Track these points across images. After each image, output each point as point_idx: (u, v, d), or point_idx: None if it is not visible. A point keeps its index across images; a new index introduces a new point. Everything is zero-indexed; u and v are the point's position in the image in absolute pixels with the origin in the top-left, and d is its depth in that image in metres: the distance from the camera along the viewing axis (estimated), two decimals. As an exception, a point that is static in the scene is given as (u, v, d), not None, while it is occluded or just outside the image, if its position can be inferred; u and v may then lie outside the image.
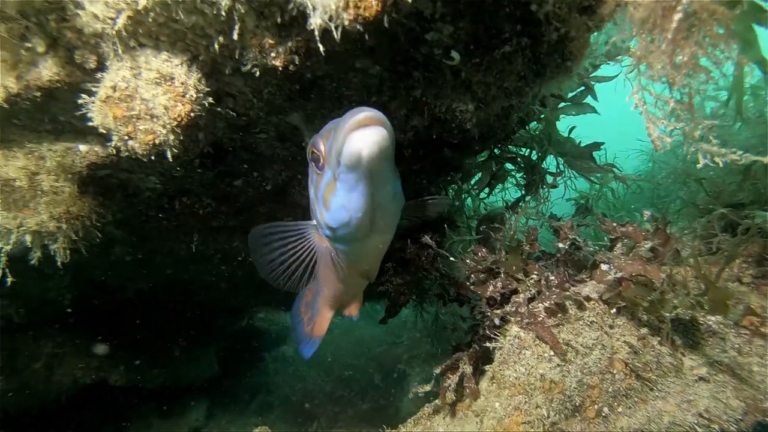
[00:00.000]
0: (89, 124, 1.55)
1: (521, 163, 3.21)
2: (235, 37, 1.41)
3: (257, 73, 1.57)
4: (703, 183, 2.51)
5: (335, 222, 1.55)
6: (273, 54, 1.52)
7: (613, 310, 1.84)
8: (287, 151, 2.21)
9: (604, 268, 1.93)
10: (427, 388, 2.03)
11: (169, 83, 1.51)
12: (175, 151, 1.59)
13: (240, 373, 6.02)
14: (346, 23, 1.28)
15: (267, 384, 6.17)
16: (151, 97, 1.50)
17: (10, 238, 1.90)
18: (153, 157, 1.59)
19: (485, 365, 1.99)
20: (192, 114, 1.55)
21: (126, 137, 1.53)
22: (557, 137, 3.03)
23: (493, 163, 3.20)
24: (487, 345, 1.95)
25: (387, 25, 1.31)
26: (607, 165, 3.03)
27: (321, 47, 1.35)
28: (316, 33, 1.30)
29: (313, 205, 1.69)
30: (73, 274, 3.16)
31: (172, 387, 4.79)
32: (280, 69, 1.55)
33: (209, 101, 1.60)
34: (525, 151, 3.20)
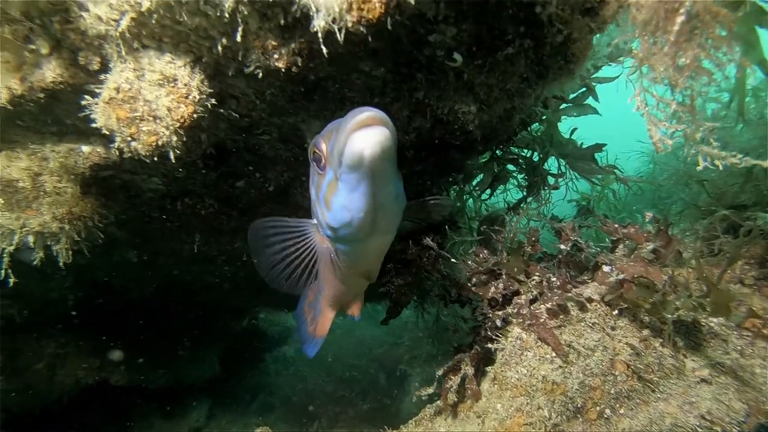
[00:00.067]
0: (92, 125, 1.55)
1: (523, 164, 3.21)
2: (239, 39, 1.42)
3: (260, 74, 1.57)
4: (705, 185, 2.51)
5: (337, 222, 1.54)
6: (276, 55, 1.52)
7: (615, 311, 1.84)
8: (289, 152, 2.21)
9: (605, 269, 1.93)
10: (430, 391, 2.03)
11: (172, 85, 1.51)
12: (178, 152, 1.59)
13: (241, 373, 6.03)
14: (350, 25, 1.28)
15: (268, 384, 6.17)
16: (154, 98, 1.50)
17: (13, 238, 1.90)
18: (156, 159, 1.59)
19: (487, 366, 1.99)
20: (195, 115, 1.55)
21: (129, 138, 1.54)
22: (559, 139, 3.03)
23: (494, 164, 3.20)
24: (489, 346, 1.95)
25: (390, 27, 1.32)
26: (608, 166, 3.02)
27: (324, 49, 1.35)
28: (320, 35, 1.30)
29: (315, 206, 1.69)
30: (75, 275, 3.16)
31: (174, 387, 4.80)
32: (282, 70, 1.55)
33: (212, 102, 1.60)
34: (527, 152, 3.20)
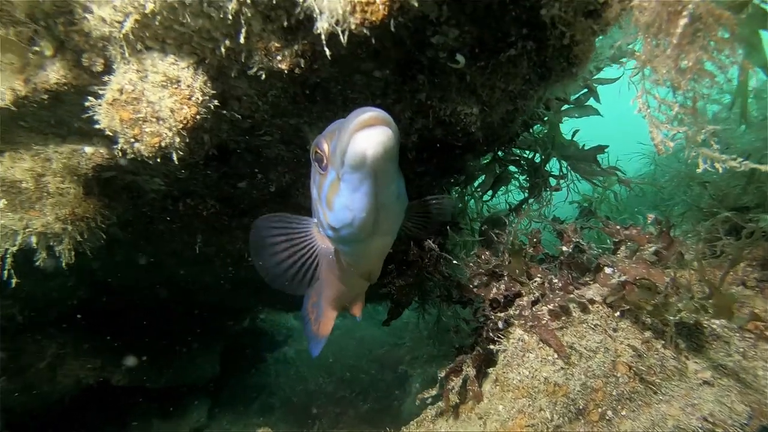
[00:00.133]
0: (96, 126, 1.56)
1: (525, 165, 3.21)
2: (242, 41, 1.42)
3: (263, 76, 1.57)
4: (707, 186, 2.51)
5: (338, 222, 1.54)
6: (279, 57, 1.52)
7: (617, 313, 1.84)
8: (291, 153, 2.21)
9: (607, 271, 1.92)
10: (433, 393, 2.03)
11: (176, 86, 1.52)
12: (181, 153, 1.60)
13: (242, 373, 6.03)
14: (353, 27, 1.28)
15: (268, 385, 6.17)
16: (158, 99, 1.51)
17: (16, 239, 1.91)
18: (159, 160, 1.60)
19: (489, 368, 1.98)
20: (198, 117, 1.55)
21: (132, 140, 1.54)
22: (561, 140, 3.03)
23: (496, 165, 3.20)
24: (491, 347, 1.95)
25: (393, 28, 1.32)
26: (610, 168, 3.02)
27: (327, 51, 1.35)
28: (323, 37, 1.30)
29: (316, 206, 1.69)
30: (77, 275, 3.17)
31: (174, 387, 4.80)
32: (285, 72, 1.55)
33: (215, 104, 1.61)
34: (529, 153, 3.21)
